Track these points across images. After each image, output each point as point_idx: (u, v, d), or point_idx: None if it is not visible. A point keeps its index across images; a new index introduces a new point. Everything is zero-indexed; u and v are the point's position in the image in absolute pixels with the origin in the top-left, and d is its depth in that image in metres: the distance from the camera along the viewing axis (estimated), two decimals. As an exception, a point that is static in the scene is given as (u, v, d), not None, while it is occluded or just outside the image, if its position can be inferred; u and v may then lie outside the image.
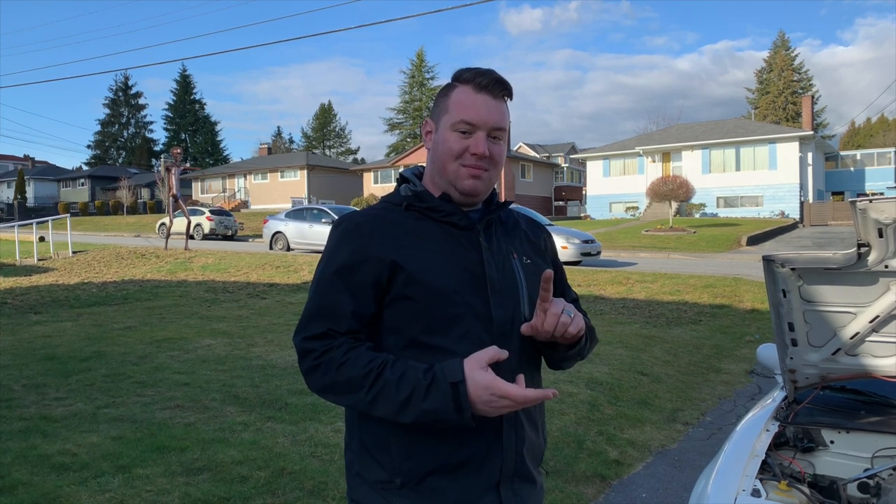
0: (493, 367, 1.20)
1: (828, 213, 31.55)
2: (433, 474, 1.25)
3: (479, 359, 1.17)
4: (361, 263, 1.27)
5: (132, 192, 47.26)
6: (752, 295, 10.38)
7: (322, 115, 76.03)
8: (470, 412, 1.15)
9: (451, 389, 1.15)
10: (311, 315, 1.29)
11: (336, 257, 1.30)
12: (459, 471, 1.26)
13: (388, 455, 1.27)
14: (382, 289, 1.27)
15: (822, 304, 2.33)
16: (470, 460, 1.26)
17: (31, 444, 4.04)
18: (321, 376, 1.24)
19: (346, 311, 1.26)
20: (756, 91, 62.50)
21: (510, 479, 1.31)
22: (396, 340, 1.28)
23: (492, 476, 1.28)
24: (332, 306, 1.27)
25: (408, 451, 1.25)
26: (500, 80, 1.34)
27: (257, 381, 5.59)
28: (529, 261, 1.41)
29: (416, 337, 1.26)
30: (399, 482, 1.26)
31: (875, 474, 2.13)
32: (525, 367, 1.34)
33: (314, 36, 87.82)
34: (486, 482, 1.28)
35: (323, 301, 1.29)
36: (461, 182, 1.33)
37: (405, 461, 1.25)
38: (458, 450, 1.26)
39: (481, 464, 1.27)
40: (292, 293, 11.45)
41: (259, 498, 3.35)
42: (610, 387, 5.62)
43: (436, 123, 1.38)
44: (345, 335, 1.26)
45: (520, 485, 1.33)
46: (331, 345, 1.24)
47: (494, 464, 1.28)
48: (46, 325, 8.69)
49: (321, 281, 1.31)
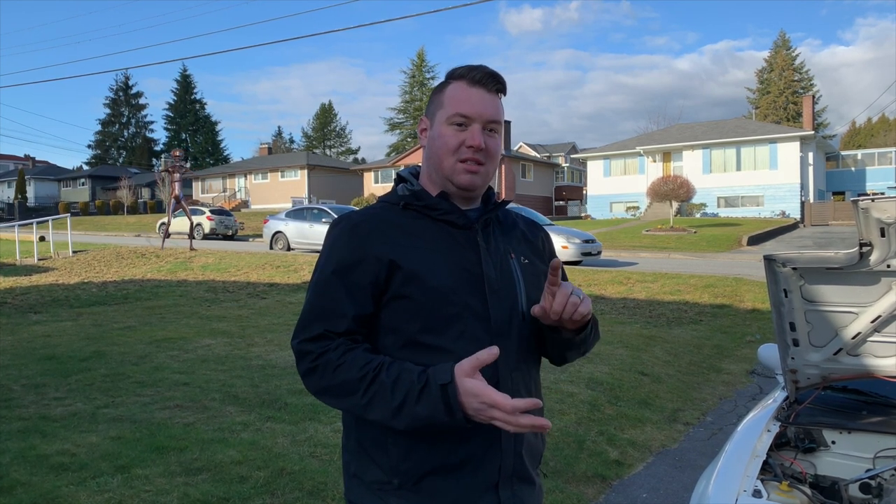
0: (490, 365, 1.19)
1: (828, 213, 31.54)
2: (431, 475, 1.24)
3: (466, 367, 1.13)
4: (359, 263, 1.27)
5: (132, 191, 47.26)
6: (753, 295, 10.37)
7: (322, 115, 76.05)
8: (461, 414, 1.12)
9: (441, 392, 1.13)
10: (308, 317, 1.28)
11: (333, 257, 1.30)
12: (458, 471, 1.25)
13: (385, 455, 1.26)
14: (380, 288, 1.27)
15: (824, 303, 2.32)
16: (468, 461, 1.25)
17: (29, 444, 4.03)
18: (318, 379, 1.23)
19: (344, 312, 1.25)
20: (757, 91, 62.48)
21: (509, 480, 1.30)
22: (394, 340, 1.27)
23: (490, 477, 1.27)
24: (329, 307, 1.26)
25: (406, 451, 1.24)
26: (494, 74, 1.34)
27: (257, 381, 5.58)
28: (527, 261, 1.40)
29: (413, 336, 1.25)
30: (397, 483, 1.25)
31: (877, 475, 2.12)
32: (523, 366, 1.33)
33: (314, 36, 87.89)
34: (484, 483, 1.27)
35: (320, 302, 1.28)
36: (458, 177, 1.32)
37: (403, 462, 1.24)
38: (456, 450, 1.25)
39: (480, 464, 1.26)
40: (292, 293, 11.44)
41: (258, 498, 3.34)
42: (610, 387, 5.61)
43: (431, 120, 1.37)
44: (342, 336, 1.25)
45: (519, 486, 1.32)
46: (328, 346, 1.23)
47: (493, 464, 1.27)
48: (46, 324, 8.69)
49: (318, 281, 1.30)
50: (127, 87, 68.83)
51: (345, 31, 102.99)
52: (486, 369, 1.25)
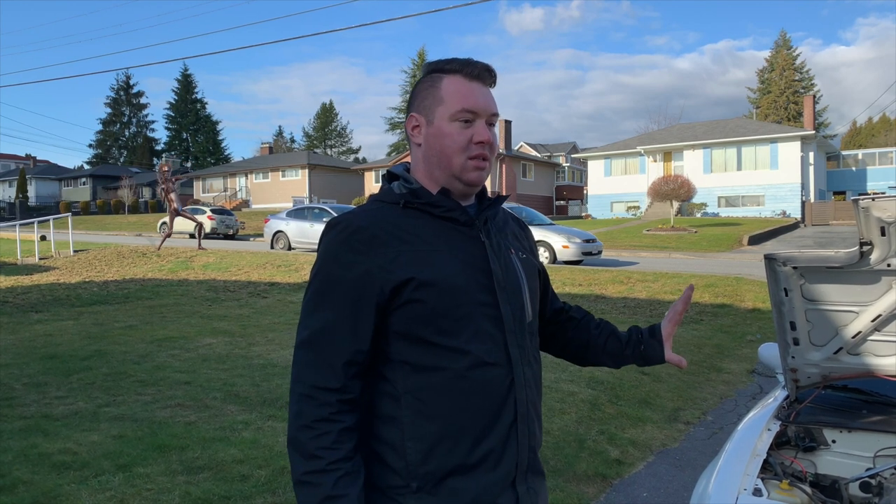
0: (505, 362, 1.25)
1: (829, 212, 31.49)
2: (451, 475, 1.22)
3: None
4: (364, 276, 1.22)
5: (133, 191, 47.28)
6: (754, 294, 10.36)
7: (323, 115, 76.05)
8: None
9: None
10: (311, 355, 1.23)
11: (335, 272, 1.24)
12: (477, 469, 1.23)
13: (402, 459, 1.22)
14: (387, 299, 1.22)
15: (825, 302, 2.32)
16: (487, 458, 1.24)
17: (31, 443, 4.04)
18: (310, 439, 1.20)
19: (348, 350, 1.22)
20: (757, 90, 62.44)
21: (525, 474, 1.29)
22: (407, 345, 1.23)
23: (508, 473, 1.26)
24: (332, 340, 1.22)
25: (425, 454, 1.21)
26: (489, 68, 1.34)
27: (258, 380, 5.58)
28: (524, 256, 1.40)
29: (427, 339, 1.22)
30: (415, 486, 1.21)
31: (877, 473, 2.12)
32: (533, 362, 1.34)
33: (314, 35, 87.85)
34: (503, 479, 1.25)
35: (322, 335, 1.23)
36: (468, 174, 1.30)
37: (422, 465, 1.21)
38: (475, 449, 1.23)
39: (498, 461, 1.25)
40: (293, 292, 11.44)
41: (259, 497, 3.35)
42: (611, 386, 5.61)
43: (426, 117, 1.33)
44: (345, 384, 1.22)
45: (532, 479, 1.32)
46: (341, 409, 1.21)
47: (511, 460, 1.26)
48: (47, 323, 8.69)
49: (319, 302, 1.25)
50: (128, 87, 68.92)
51: (345, 30, 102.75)
52: (501, 369, 1.25)
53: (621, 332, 1.58)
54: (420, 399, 1.22)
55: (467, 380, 1.22)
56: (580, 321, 1.58)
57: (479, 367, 1.23)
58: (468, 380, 1.22)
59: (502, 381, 1.25)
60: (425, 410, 1.22)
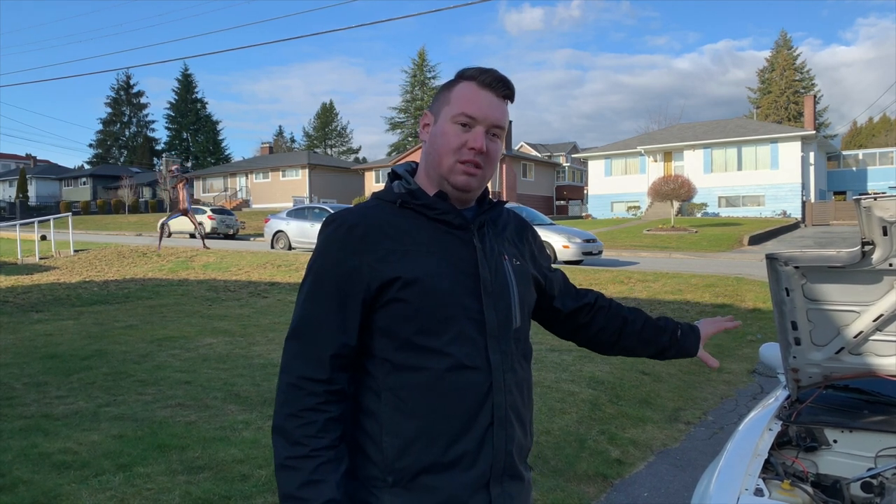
0: (484, 368, 1.26)
1: (830, 212, 31.48)
2: (426, 473, 1.24)
3: None
4: (353, 272, 1.25)
5: (134, 191, 47.29)
6: (755, 294, 10.36)
7: (323, 115, 76.05)
8: None
9: None
10: (299, 346, 1.28)
11: (327, 267, 1.28)
12: (452, 469, 1.25)
13: (380, 453, 1.25)
14: (373, 296, 1.26)
15: (826, 302, 2.31)
16: (462, 458, 1.25)
17: (31, 443, 4.04)
18: (296, 427, 1.23)
19: (335, 342, 1.25)
20: (758, 90, 62.44)
21: (500, 478, 1.30)
22: (389, 342, 1.26)
23: (482, 475, 1.27)
24: (320, 333, 1.26)
25: (401, 449, 1.24)
26: (504, 80, 1.34)
27: (258, 380, 5.58)
28: (518, 262, 1.40)
29: (408, 338, 1.25)
30: (391, 480, 1.25)
31: (878, 473, 2.12)
32: (517, 368, 1.34)
33: (314, 35, 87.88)
34: (477, 481, 1.27)
35: (312, 328, 1.27)
36: (454, 177, 1.32)
37: (398, 459, 1.24)
38: (450, 448, 1.25)
39: (473, 462, 1.26)
40: (294, 292, 11.44)
41: (260, 496, 3.34)
42: (611, 386, 5.61)
43: (435, 116, 1.36)
44: (332, 375, 1.25)
45: (509, 482, 1.33)
46: (329, 400, 1.24)
47: (486, 462, 1.27)
48: (48, 323, 8.70)
49: (311, 295, 1.29)
50: (128, 87, 68.92)
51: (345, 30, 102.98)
52: (479, 373, 1.27)
53: (658, 319, 1.66)
54: (399, 397, 1.25)
55: (445, 381, 1.25)
56: (609, 309, 1.64)
57: (457, 369, 1.25)
58: (446, 381, 1.25)
59: (480, 385, 1.27)
60: (403, 408, 1.25)
